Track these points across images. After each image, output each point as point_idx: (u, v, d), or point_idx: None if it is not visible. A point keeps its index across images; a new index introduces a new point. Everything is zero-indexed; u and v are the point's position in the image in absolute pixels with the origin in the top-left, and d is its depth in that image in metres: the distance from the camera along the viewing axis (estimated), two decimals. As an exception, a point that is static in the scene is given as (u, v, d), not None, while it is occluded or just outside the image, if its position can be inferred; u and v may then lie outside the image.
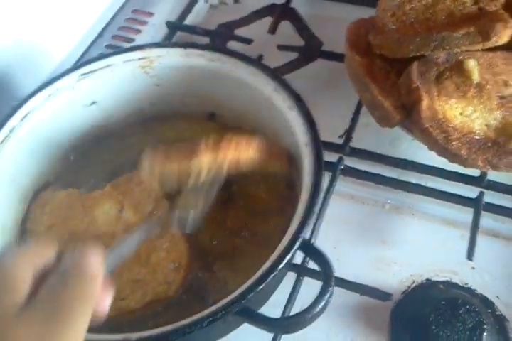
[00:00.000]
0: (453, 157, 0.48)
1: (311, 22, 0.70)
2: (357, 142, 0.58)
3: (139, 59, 0.51)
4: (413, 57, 0.54)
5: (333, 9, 0.76)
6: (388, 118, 0.52)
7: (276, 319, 0.38)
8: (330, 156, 0.56)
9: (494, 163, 0.48)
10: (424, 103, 0.50)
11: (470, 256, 0.47)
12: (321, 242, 0.51)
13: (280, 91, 0.48)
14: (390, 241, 0.53)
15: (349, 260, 0.52)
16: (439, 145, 0.49)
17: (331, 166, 0.54)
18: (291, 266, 0.48)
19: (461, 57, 0.53)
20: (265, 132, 0.51)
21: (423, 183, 0.55)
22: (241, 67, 0.50)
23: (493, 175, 0.53)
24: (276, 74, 0.49)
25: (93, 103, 0.53)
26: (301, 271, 0.48)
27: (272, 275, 0.36)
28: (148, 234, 0.39)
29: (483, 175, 0.53)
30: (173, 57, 0.51)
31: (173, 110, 0.57)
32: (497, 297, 0.49)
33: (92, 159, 0.53)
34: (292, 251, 0.37)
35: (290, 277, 0.48)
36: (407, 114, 0.52)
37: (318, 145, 0.43)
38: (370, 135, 0.59)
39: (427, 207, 0.55)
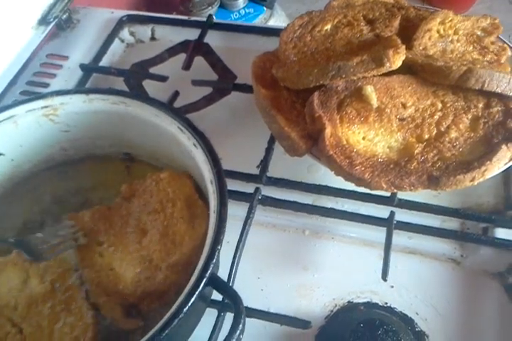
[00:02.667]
0: (358, 181, 0.50)
1: (225, 55, 0.72)
2: (275, 171, 0.59)
3: (42, 108, 0.51)
4: (316, 86, 0.56)
5: (247, 41, 0.78)
6: (296, 148, 0.53)
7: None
8: (248, 187, 0.57)
9: (397, 184, 0.49)
10: (328, 131, 0.52)
11: (384, 276, 0.48)
12: (244, 274, 0.51)
13: (184, 130, 0.48)
14: (312, 267, 0.54)
15: (273, 289, 0.53)
16: (344, 170, 0.50)
17: (248, 197, 0.55)
18: (212, 303, 0.48)
19: (359, 83, 0.55)
20: (178, 169, 0.52)
21: (339, 207, 0.57)
22: (145, 108, 0.50)
23: (404, 194, 0.55)
24: (179, 114, 0.49)
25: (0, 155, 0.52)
26: (222, 307, 0.48)
27: (176, 320, 0.36)
28: None
29: (394, 194, 0.55)
30: (76, 104, 0.51)
31: (87, 153, 0.57)
32: (416, 313, 0.50)
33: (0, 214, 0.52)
34: (195, 295, 0.37)
35: (213, 313, 0.48)
36: (314, 143, 0.53)
37: (222, 184, 0.44)
38: (287, 163, 0.61)
39: (345, 229, 0.56)
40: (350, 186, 0.55)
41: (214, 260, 0.39)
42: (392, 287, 0.52)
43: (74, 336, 0.43)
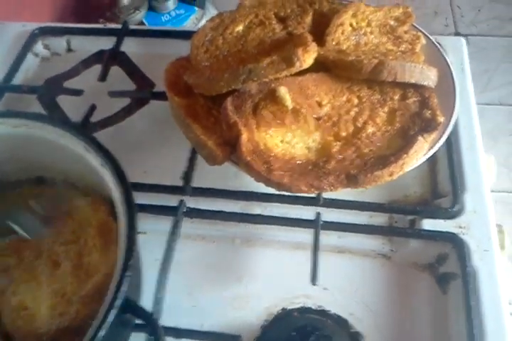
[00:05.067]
0: (278, 186, 0.49)
1: (143, 63, 0.70)
2: (201, 180, 0.57)
3: None
4: (231, 91, 0.54)
5: (166, 46, 0.75)
6: (213, 156, 0.52)
7: None
8: (173, 200, 0.55)
9: (316, 185, 0.48)
10: (244, 137, 0.50)
11: (314, 279, 0.47)
12: (174, 291, 0.49)
13: (90, 150, 0.46)
14: (246, 277, 0.53)
15: (206, 304, 0.51)
16: (262, 176, 0.49)
17: (173, 210, 0.53)
18: (138, 327, 0.46)
19: (273, 85, 0.54)
20: (93, 191, 0.50)
21: (268, 212, 0.56)
22: (48, 129, 0.48)
23: (330, 193, 0.54)
24: (84, 133, 0.47)
25: None
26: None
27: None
28: None
29: (319, 194, 0.54)
30: (-27, 130, 0.48)
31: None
32: (350, 314, 0.49)
33: None
34: (104, 328, 0.35)
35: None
36: (232, 150, 0.52)
37: (130, 204, 0.42)
38: (214, 171, 0.59)
39: (275, 234, 0.55)
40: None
41: (123, 287, 0.37)
42: (325, 289, 0.51)
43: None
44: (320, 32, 0.60)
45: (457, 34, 1.95)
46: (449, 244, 0.51)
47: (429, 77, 0.55)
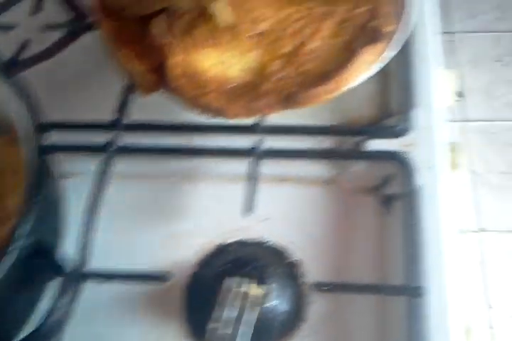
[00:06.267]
0: (211, 110, 0.46)
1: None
2: (137, 115, 0.53)
3: None
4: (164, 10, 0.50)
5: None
6: (145, 83, 0.48)
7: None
8: (104, 137, 0.51)
9: (253, 107, 0.45)
10: (173, 60, 0.47)
11: (248, 209, 0.44)
12: (104, 235, 0.45)
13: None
14: (183, 214, 0.50)
15: (141, 245, 0.49)
16: (195, 101, 0.46)
17: (102, 148, 0.49)
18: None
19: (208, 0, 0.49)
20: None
21: (209, 144, 0.52)
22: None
23: (273, 118, 0.50)
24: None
25: None
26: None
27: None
28: None
29: (260, 121, 0.50)
30: None
31: None
32: (291, 242, 0.47)
33: None
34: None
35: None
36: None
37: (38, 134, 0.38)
38: (151, 104, 0.54)
39: (216, 167, 0.52)
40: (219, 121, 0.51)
41: (21, 229, 0.34)
42: (266, 219, 0.49)
43: None
44: None
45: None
46: (394, 164, 0.48)
47: (377, -17, 0.50)
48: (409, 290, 0.42)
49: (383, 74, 0.57)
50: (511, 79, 1.68)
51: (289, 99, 0.45)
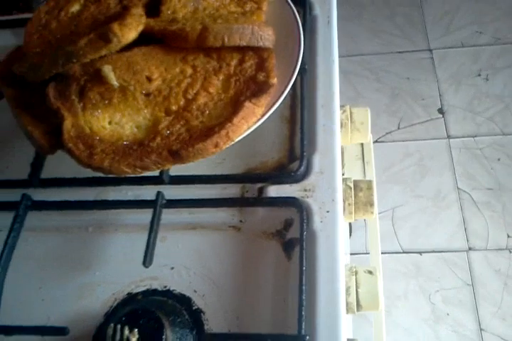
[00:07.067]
0: (99, 170, 0.47)
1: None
2: (52, 171, 0.55)
3: None
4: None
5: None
6: (40, 146, 0.50)
7: None
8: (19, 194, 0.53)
9: (139, 165, 0.47)
10: (67, 122, 0.49)
11: (145, 262, 0.46)
12: (23, 287, 0.49)
13: None
14: (95, 264, 0.52)
15: (55, 297, 0.50)
16: (83, 162, 0.47)
17: (14, 205, 0.52)
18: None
19: (98, 65, 0.52)
20: None
21: (121, 196, 0.54)
22: None
23: (179, 169, 0.52)
24: None
25: None
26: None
27: None
28: None
29: (164, 172, 0.52)
30: None
31: None
32: (194, 291, 0.48)
33: None
34: None
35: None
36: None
37: None
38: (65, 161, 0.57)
39: (127, 218, 0.54)
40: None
41: None
42: (172, 268, 0.50)
43: None
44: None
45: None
46: (293, 209, 0.49)
47: (263, 37, 0.52)
48: (292, 340, 0.42)
49: (292, 118, 0.58)
50: (493, 93, 1.67)
51: (175, 156, 0.47)
